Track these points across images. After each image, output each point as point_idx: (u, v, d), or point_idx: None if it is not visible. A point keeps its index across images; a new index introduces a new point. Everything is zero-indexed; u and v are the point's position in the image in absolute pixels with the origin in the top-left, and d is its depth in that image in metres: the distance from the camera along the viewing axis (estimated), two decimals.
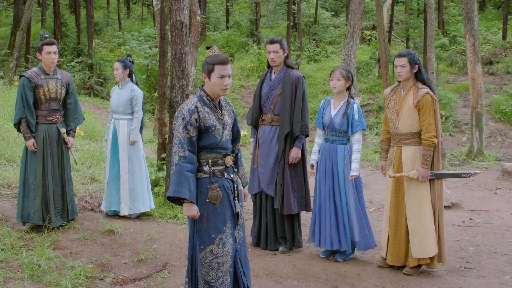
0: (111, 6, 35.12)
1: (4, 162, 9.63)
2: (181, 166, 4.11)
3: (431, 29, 14.01)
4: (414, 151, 5.80)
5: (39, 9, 30.45)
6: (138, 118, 7.54)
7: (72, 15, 28.07)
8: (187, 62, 7.71)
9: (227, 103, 4.52)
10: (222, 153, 4.33)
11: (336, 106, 6.31)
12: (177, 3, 7.56)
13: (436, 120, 5.72)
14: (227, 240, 4.28)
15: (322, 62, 24.70)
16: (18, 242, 6.32)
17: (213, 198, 4.21)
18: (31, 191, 6.67)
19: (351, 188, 6.16)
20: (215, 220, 4.24)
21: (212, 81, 4.22)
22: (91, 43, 23.08)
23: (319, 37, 27.58)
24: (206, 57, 4.29)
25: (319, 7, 29.71)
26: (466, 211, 9.10)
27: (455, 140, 16.32)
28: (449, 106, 17.77)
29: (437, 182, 5.80)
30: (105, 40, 27.24)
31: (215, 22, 30.97)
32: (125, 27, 29.11)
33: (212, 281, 4.24)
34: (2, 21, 30.53)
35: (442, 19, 25.31)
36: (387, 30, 22.29)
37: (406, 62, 5.77)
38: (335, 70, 6.28)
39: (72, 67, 22.72)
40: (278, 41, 6.45)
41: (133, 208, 7.49)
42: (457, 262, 6.32)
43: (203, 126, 4.20)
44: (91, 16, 23.66)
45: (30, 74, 6.70)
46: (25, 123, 6.65)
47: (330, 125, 6.26)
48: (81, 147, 11.72)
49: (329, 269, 5.96)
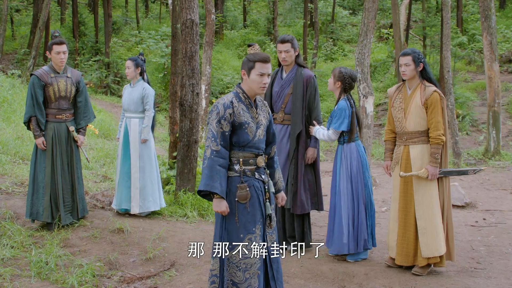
0: (130, 5, 35.26)
1: (18, 160, 9.71)
2: (213, 160, 4.08)
3: (447, 27, 13.87)
4: (422, 149, 5.75)
5: (58, 8, 30.68)
6: (150, 117, 7.54)
7: (91, 14, 28.23)
8: (197, 61, 7.70)
9: (263, 104, 4.48)
10: (254, 152, 4.28)
11: None
12: (187, 2, 7.56)
13: (443, 118, 5.67)
14: (256, 241, 4.21)
15: (339, 61, 24.60)
16: (28, 240, 6.37)
17: (241, 198, 4.17)
18: (40, 189, 6.71)
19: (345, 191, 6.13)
20: (244, 220, 4.19)
21: (251, 78, 4.20)
22: (108, 41, 23.18)
23: (337, 36, 27.47)
24: (247, 55, 4.27)
25: (336, 6, 29.58)
26: (480, 211, 9.00)
27: (472, 139, 16.16)
28: (466, 105, 17.60)
29: (445, 180, 5.76)
30: (123, 39, 27.34)
31: (232, 21, 30.95)
32: (143, 26, 29.20)
33: (240, 282, 4.17)
34: (23, 20, 30.76)
35: (461, 17, 25.06)
36: (404, 29, 22.12)
37: (410, 60, 5.74)
38: (334, 70, 6.30)
39: (89, 65, 22.83)
40: (289, 40, 6.41)
41: (144, 206, 7.51)
42: (467, 262, 6.25)
43: (237, 121, 4.17)
44: (108, 15, 23.76)
45: (40, 72, 6.74)
46: (35, 121, 6.69)
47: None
48: (95, 145, 11.78)
49: (337, 268, 5.92)
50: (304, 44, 22.77)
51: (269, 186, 4.40)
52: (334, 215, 6.19)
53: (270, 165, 4.55)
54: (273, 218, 4.38)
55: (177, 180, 8.07)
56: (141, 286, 5.50)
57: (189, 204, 7.81)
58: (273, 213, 4.42)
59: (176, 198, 7.98)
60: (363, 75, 10.66)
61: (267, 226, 4.32)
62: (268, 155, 4.52)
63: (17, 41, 26.58)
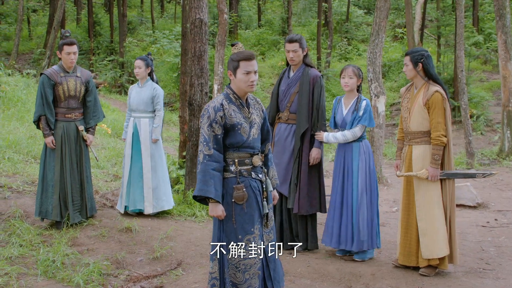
0: (145, 5, 35.39)
1: (30, 159, 9.78)
2: (206, 164, 4.06)
3: (460, 26, 13.74)
4: (424, 150, 5.71)
5: (75, 9, 30.89)
6: (161, 117, 7.57)
7: (106, 14, 28.38)
8: (206, 60, 7.70)
9: (256, 102, 4.45)
10: (249, 152, 4.25)
11: (347, 104, 6.27)
12: (196, 1, 7.57)
13: (445, 119, 5.62)
14: (255, 242, 4.19)
15: (354, 60, 24.49)
16: (36, 238, 6.40)
17: (238, 199, 4.14)
18: (49, 188, 6.75)
19: (365, 187, 6.08)
20: (242, 221, 4.16)
21: (238, 77, 4.16)
22: (122, 41, 23.29)
23: (351, 35, 27.36)
24: (231, 55, 4.24)
25: (351, 5, 29.46)
26: (492, 211, 8.91)
27: (487, 139, 16.01)
28: (481, 104, 17.44)
29: (449, 182, 5.70)
30: (138, 39, 27.46)
31: (247, 21, 30.92)
32: (158, 25, 29.29)
33: (240, 283, 4.15)
34: (40, 20, 31.00)
35: (477, 16, 24.84)
36: (419, 28, 21.98)
37: (408, 60, 5.75)
38: (347, 68, 6.20)
39: (104, 65, 22.96)
40: (297, 40, 6.39)
41: (157, 206, 7.52)
42: (476, 263, 6.19)
43: (228, 123, 4.14)
44: (123, 15, 23.88)
45: (49, 72, 6.79)
46: (44, 120, 6.73)
47: (342, 124, 6.22)
48: (107, 145, 11.83)
49: (343, 269, 5.89)
50: (318, 44, 22.69)
51: (267, 185, 4.37)
52: (345, 213, 6.12)
53: (265, 163, 4.52)
54: (270, 218, 4.36)
55: (186, 180, 8.08)
56: (147, 285, 5.50)
57: (197, 204, 7.81)
58: (271, 212, 4.40)
59: (185, 197, 7.99)
60: (374, 75, 10.63)
61: (263, 225, 4.30)
62: (262, 153, 4.49)
63: (33, 41, 26.82)
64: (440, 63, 18.04)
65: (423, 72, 5.72)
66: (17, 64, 21.58)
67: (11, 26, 27.60)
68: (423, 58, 5.71)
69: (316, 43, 23.15)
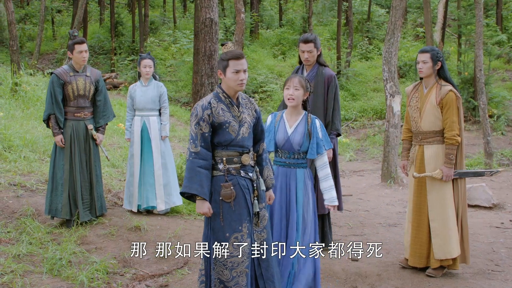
0: (168, 5, 35.54)
1: (46, 158, 9.86)
2: (192, 161, 4.11)
3: (479, 25, 13.56)
4: (437, 150, 5.65)
5: (98, 9, 31.16)
6: (168, 114, 7.68)
7: (129, 14, 28.57)
8: (216, 60, 7.71)
9: (249, 101, 4.46)
10: (238, 151, 4.27)
11: (293, 121, 5.04)
12: (206, 1, 7.59)
13: (459, 118, 5.56)
14: (243, 240, 4.21)
15: (375, 60, 24.32)
16: (46, 236, 6.46)
17: (226, 197, 4.16)
18: (59, 186, 6.81)
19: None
20: (229, 219, 4.19)
21: (227, 77, 4.19)
22: (143, 41, 23.42)
23: (372, 35, 27.16)
24: (221, 54, 4.28)
25: (373, 4, 29.25)
26: (508, 212, 8.80)
27: (507, 139, 15.77)
28: (502, 104, 17.18)
29: (460, 181, 5.65)
30: (160, 39, 27.60)
31: (268, 20, 30.87)
32: (180, 25, 29.38)
33: (227, 280, 4.18)
34: (64, 20, 31.30)
35: (501, 15, 24.53)
36: (441, 27, 21.77)
37: (428, 58, 5.65)
38: (293, 78, 4.97)
39: (125, 65, 23.11)
40: (312, 40, 6.35)
41: (169, 202, 7.62)
42: (485, 264, 6.11)
43: (216, 122, 4.18)
44: (145, 15, 24.03)
45: (59, 71, 6.87)
46: (54, 119, 6.81)
47: (286, 145, 4.99)
48: (124, 144, 11.90)
49: (349, 269, 5.86)
50: (338, 43, 22.55)
51: (259, 184, 4.38)
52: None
53: (259, 163, 4.52)
54: (262, 217, 4.35)
55: None
56: (153, 283, 5.53)
57: None
58: (264, 211, 4.39)
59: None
60: (390, 74, 10.56)
61: (254, 224, 4.30)
62: (256, 153, 4.49)
63: (57, 41, 27.07)
64: (461, 63, 17.81)
65: (438, 70, 5.67)
66: (41, 64, 21.83)
67: (36, 27, 27.88)
68: (442, 57, 5.68)
69: (336, 42, 23.02)
